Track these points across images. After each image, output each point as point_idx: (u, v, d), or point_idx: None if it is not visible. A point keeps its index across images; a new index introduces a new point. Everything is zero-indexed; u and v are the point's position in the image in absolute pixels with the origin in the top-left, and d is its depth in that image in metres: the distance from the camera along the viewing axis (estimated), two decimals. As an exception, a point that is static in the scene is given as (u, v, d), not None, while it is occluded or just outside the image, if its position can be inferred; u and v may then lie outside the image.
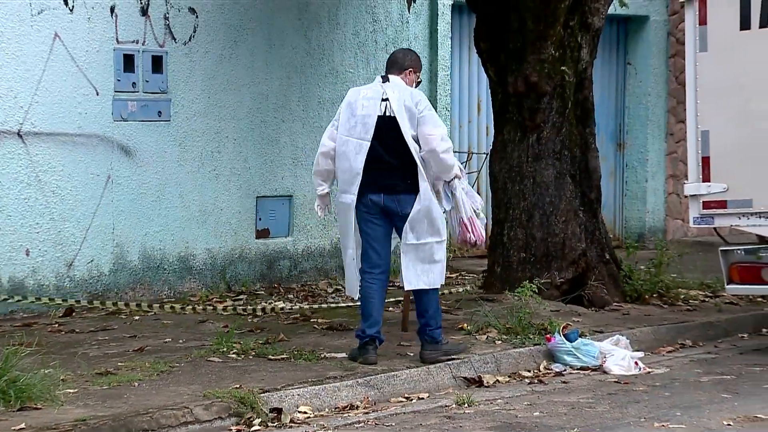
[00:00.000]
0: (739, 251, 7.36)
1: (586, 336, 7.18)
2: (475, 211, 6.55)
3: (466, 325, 7.41)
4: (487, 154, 8.77)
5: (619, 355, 6.89)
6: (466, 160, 7.54)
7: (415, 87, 6.56)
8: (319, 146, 6.57)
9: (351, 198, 6.42)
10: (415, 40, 10.48)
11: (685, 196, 7.60)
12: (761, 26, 7.04)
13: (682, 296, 8.83)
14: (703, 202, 7.35)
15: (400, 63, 6.57)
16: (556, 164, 8.46)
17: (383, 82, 6.49)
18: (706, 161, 7.33)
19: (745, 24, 7.10)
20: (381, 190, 6.38)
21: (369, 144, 6.35)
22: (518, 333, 7.17)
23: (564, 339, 6.92)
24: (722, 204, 7.28)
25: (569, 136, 8.54)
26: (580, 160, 8.62)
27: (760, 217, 7.14)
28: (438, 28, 10.57)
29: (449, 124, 10.79)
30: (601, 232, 8.70)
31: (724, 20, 7.17)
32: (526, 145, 8.49)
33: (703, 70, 7.30)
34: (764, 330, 8.31)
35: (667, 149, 12.49)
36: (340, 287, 9.53)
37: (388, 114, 6.38)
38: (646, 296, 8.67)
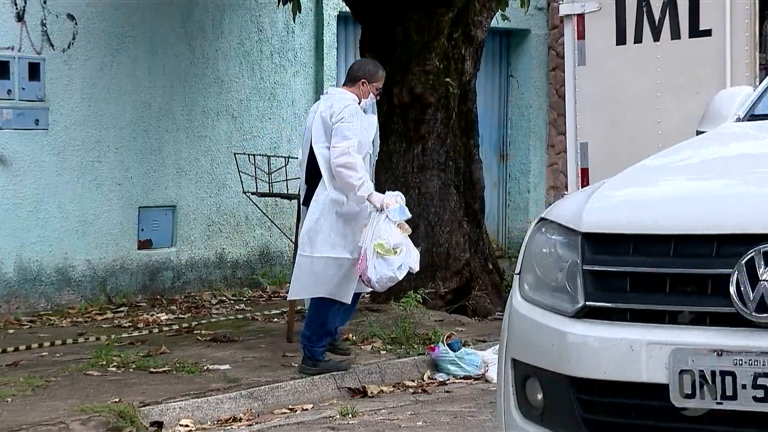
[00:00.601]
0: (617, 261, 7.51)
1: (469, 345, 7.25)
2: (383, 247, 6.08)
3: (351, 335, 7.42)
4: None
5: (501, 364, 6.97)
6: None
7: (373, 98, 6.55)
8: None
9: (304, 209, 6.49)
10: (301, 50, 10.47)
11: (566, 207, 7.73)
12: (636, 41, 7.24)
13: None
14: (583, 212, 7.49)
15: (353, 74, 6.56)
16: (441, 175, 8.54)
17: (324, 93, 6.58)
18: (585, 172, 7.49)
19: (621, 39, 7.29)
20: (306, 203, 6.49)
21: (306, 155, 6.41)
22: (403, 343, 7.21)
23: (447, 348, 6.98)
24: (601, 215, 7.43)
25: (454, 147, 8.63)
26: (464, 171, 8.72)
27: (636, 227, 7.30)
28: (324, 38, 10.58)
29: (335, 135, 10.80)
30: (484, 243, 8.82)
31: (601, 35, 7.35)
32: (411, 156, 8.55)
33: (582, 84, 7.47)
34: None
35: (548, 161, 12.73)
36: (224, 298, 9.45)
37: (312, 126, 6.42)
38: (529, 305, 8.80)
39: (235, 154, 9.36)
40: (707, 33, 6.99)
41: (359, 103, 6.45)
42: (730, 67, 6.88)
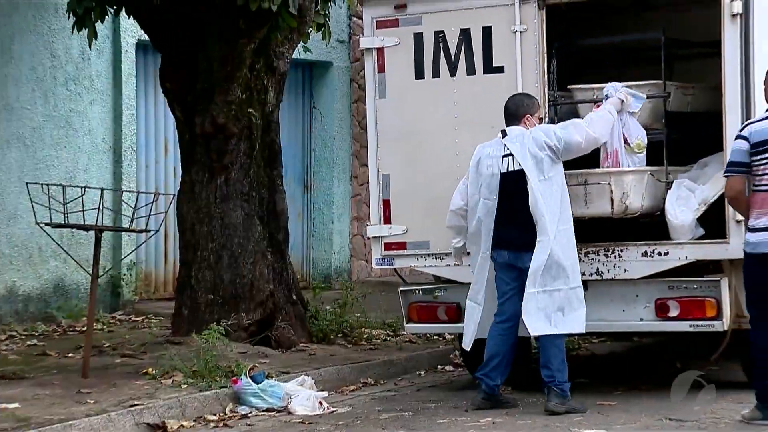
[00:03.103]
0: (417, 291, 7.70)
1: (272, 377, 7.27)
2: (640, 146, 6.92)
3: (151, 369, 7.32)
4: (174, 195, 8.73)
5: (303, 396, 7.02)
6: (153, 201, 7.43)
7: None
8: (450, 203, 7.05)
9: (482, 253, 6.83)
10: (98, 78, 10.29)
11: (369, 238, 7.89)
12: (433, 76, 7.46)
13: (366, 336, 9.12)
14: (385, 243, 7.64)
15: (513, 113, 6.89)
16: (245, 205, 8.55)
17: (503, 137, 6.82)
18: (386, 204, 7.65)
19: (419, 73, 7.50)
20: (506, 247, 6.77)
21: (495, 203, 6.76)
22: (204, 376, 7.16)
23: (250, 381, 6.98)
24: (402, 245, 7.61)
25: (257, 178, 8.66)
26: (268, 201, 8.75)
27: (436, 258, 7.52)
28: (122, 66, 10.43)
29: (135, 165, 10.65)
30: (288, 273, 8.85)
31: (400, 69, 7.54)
32: (215, 186, 8.53)
33: (383, 116, 7.64)
34: (439, 367, 8.74)
35: (352, 191, 12.91)
36: (14, 333, 9.13)
37: (511, 169, 6.75)
38: (332, 336, 8.88)
39: (27, 183, 9.09)
40: (500, 69, 7.29)
41: None
42: (522, 103, 7.19)
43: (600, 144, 6.96)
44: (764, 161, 6.24)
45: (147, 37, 9.06)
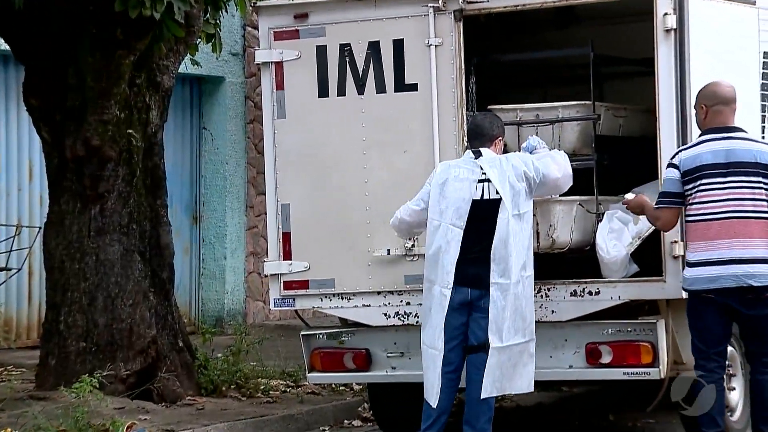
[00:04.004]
0: (321, 336, 7.67)
1: (154, 436, 7.19)
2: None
3: (9, 430, 7.16)
4: (41, 228, 8.60)
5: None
6: (14, 234, 7.30)
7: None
8: (394, 218, 6.94)
9: (442, 289, 6.62)
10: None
11: (266, 276, 7.85)
12: (339, 94, 7.46)
13: (262, 387, 9.07)
14: (284, 282, 7.60)
15: (486, 133, 6.75)
16: (123, 240, 8.47)
17: (476, 158, 6.64)
18: (286, 237, 7.62)
19: (323, 91, 7.49)
20: (469, 284, 6.59)
21: (462, 231, 6.59)
22: (74, 436, 7.04)
23: (128, 441, 6.88)
24: (304, 284, 7.58)
25: (138, 208, 8.58)
26: (151, 234, 8.69)
27: (342, 298, 7.50)
28: (-19, 79, 10.29)
29: (-5, 192, 10.49)
30: (174, 317, 8.78)
31: (302, 86, 7.52)
32: (88, 218, 8.43)
33: (283, 139, 7.62)
34: (346, 422, 8.70)
35: (248, 223, 12.86)
36: None
37: (486, 197, 6.63)
38: (224, 388, 8.82)
39: None
40: (413, 87, 7.32)
41: None
42: (438, 124, 7.25)
43: (570, 184, 6.94)
44: (695, 190, 6.38)
45: (8, 48, 8.91)
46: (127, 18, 7.72)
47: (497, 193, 6.66)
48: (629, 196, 6.80)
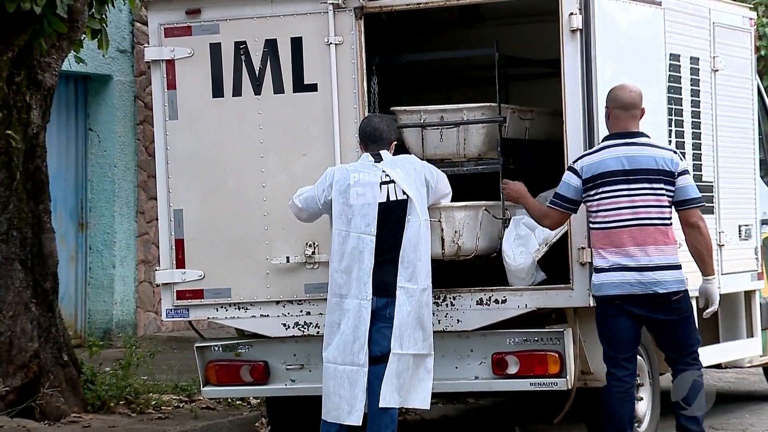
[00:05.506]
0: (216, 348, 7.64)
1: (37, 456, 7.08)
2: None
3: None
4: None
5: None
6: None
7: None
8: (294, 200, 6.92)
9: (361, 301, 6.59)
10: None
11: (158, 285, 7.79)
12: (234, 94, 7.44)
13: (154, 402, 9.01)
14: (177, 291, 7.56)
15: (383, 137, 6.83)
16: (3, 248, 8.39)
17: (376, 161, 6.62)
18: (180, 244, 7.58)
19: (217, 91, 7.46)
20: (383, 292, 6.60)
21: (374, 238, 6.60)
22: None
23: (10, 462, 6.77)
24: (199, 294, 7.54)
25: (18, 214, 8.50)
26: (33, 242, 8.61)
27: (239, 308, 7.47)
28: None
29: None
30: (58, 329, 8.72)
31: (195, 86, 7.48)
32: (-35, 225, 8.32)
33: (175, 141, 7.56)
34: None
35: (138, 230, 12.75)
36: None
37: (392, 199, 6.64)
38: (112, 404, 8.76)
39: None
40: (313, 87, 7.33)
41: None
42: (338, 126, 7.26)
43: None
44: (598, 196, 6.50)
45: None
46: (4, 12, 7.63)
47: (404, 193, 6.71)
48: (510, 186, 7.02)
